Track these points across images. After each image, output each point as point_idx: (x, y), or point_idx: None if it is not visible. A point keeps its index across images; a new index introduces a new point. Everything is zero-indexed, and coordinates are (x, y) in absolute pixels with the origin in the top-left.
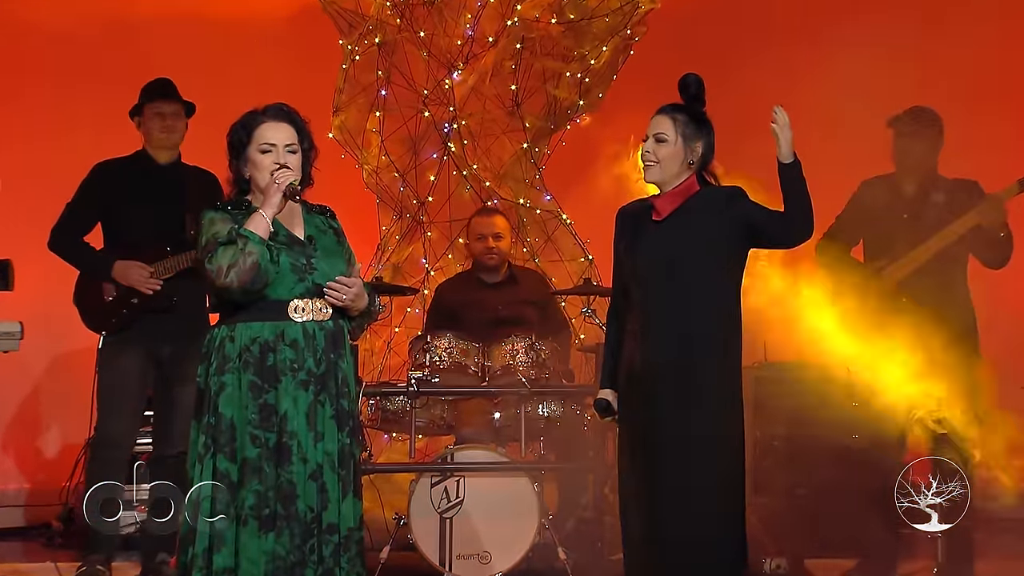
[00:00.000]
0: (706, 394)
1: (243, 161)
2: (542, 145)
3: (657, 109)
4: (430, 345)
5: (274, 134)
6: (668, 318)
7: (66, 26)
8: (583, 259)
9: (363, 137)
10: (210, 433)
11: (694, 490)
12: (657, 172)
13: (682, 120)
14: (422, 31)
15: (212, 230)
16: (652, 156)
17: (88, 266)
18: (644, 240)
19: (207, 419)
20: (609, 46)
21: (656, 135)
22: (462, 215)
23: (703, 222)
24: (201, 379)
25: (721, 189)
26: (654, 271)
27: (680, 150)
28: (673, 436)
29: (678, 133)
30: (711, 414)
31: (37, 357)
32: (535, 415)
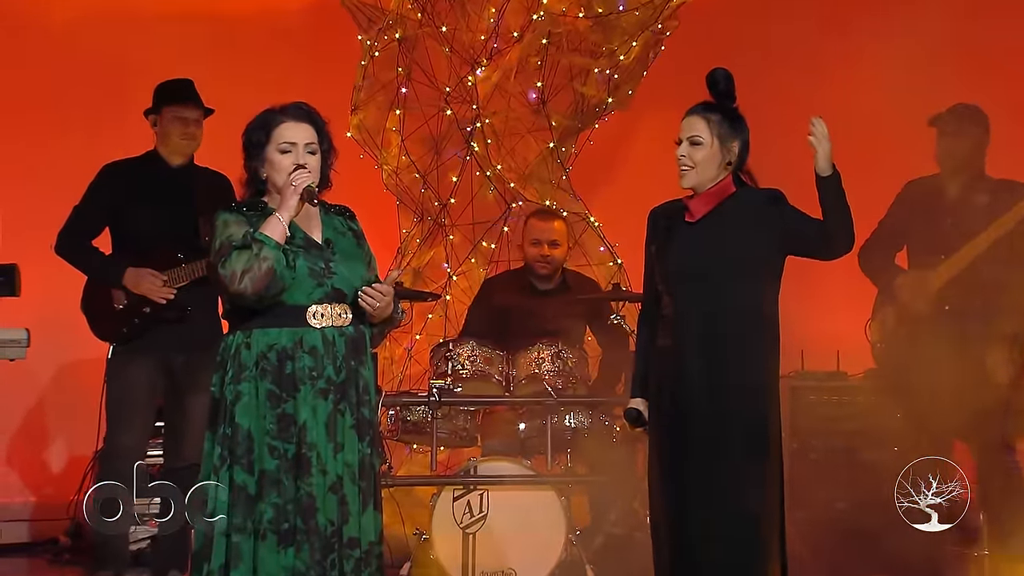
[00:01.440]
0: (740, 404)
1: (260, 161)
2: (569, 144)
3: (688, 110)
4: (452, 353)
5: (294, 134)
6: (700, 324)
7: (70, 22)
8: (612, 263)
9: (382, 136)
10: (226, 444)
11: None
12: (694, 177)
13: (716, 120)
14: (444, 26)
15: (226, 232)
16: (688, 160)
17: (97, 271)
18: (676, 242)
19: (223, 430)
20: (639, 41)
21: (691, 138)
22: (485, 217)
23: (739, 226)
24: (216, 388)
25: (759, 192)
26: (686, 275)
27: (716, 152)
28: (706, 448)
29: (713, 134)
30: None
31: (44, 365)
32: (562, 426)
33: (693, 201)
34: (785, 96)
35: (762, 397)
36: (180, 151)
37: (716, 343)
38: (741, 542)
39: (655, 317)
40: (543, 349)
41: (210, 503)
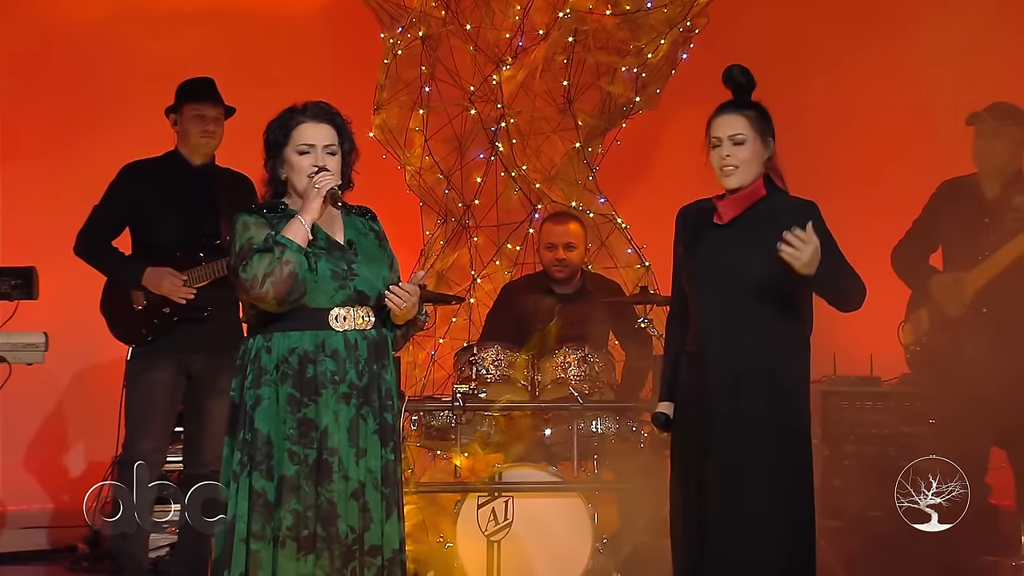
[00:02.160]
0: (769, 410)
1: (279, 162)
2: (596, 144)
3: (718, 109)
4: (477, 357)
5: (313, 134)
6: (728, 329)
7: (92, 21)
8: (639, 266)
9: (406, 136)
10: (246, 450)
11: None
12: (739, 177)
13: (753, 116)
14: (468, 24)
15: (246, 235)
16: (734, 160)
17: (116, 272)
18: (704, 245)
19: (242, 435)
20: (667, 39)
21: (733, 137)
22: (510, 219)
23: (768, 233)
24: (235, 393)
25: (793, 201)
26: (714, 279)
27: (759, 148)
28: (731, 453)
29: (755, 130)
30: (775, 434)
31: (62, 369)
32: (588, 431)
33: (723, 203)
34: (819, 94)
35: (791, 402)
36: (200, 149)
37: (744, 347)
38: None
39: (684, 319)
40: (569, 354)
41: (229, 509)
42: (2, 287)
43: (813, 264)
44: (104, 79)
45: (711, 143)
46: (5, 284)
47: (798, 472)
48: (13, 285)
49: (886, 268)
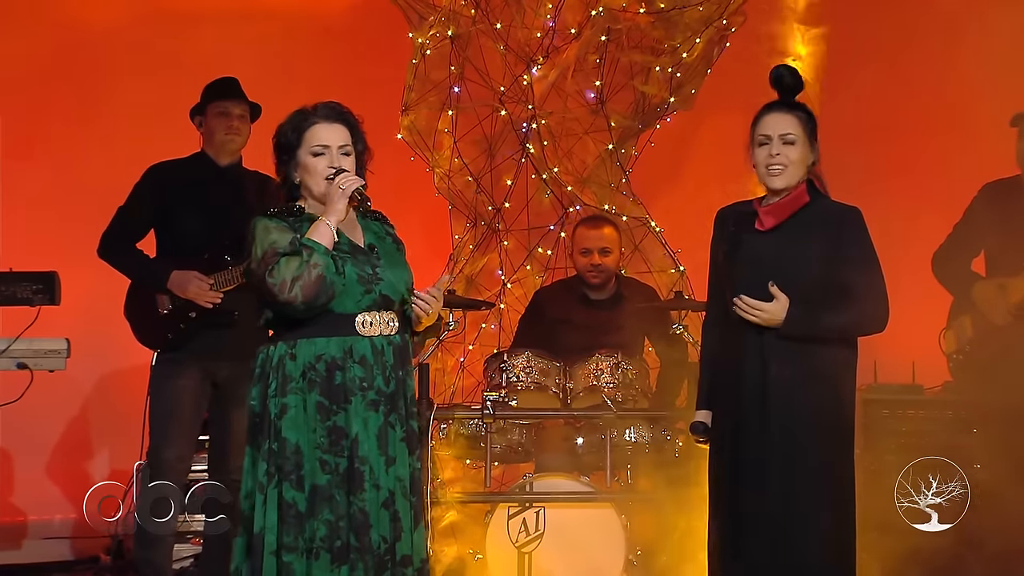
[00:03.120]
0: (810, 421)
1: (292, 165)
2: (629, 146)
3: (767, 107)
4: (507, 364)
5: (327, 135)
6: (767, 336)
7: (113, 23)
8: (674, 270)
9: (434, 138)
10: (273, 460)
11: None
12: (787, 177)
13: (804, 117)
14: (499, 22)
15: (268, 239)
16: (783, 159)
17: (141, 275)
18: (744, 251)
19: (268, 445)
20: (703, 38)
21: (783, 136)
22: (541, 222)
23: (812, 241)
24: (256, 402)
25: (836, 207)
26: (754, 287)
27: (808, 151)
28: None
29: (804, 132)
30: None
31: (85, 376)
32: (622, 440)
33: (766, 209)
34: (858, 95)
35: (833, 413)
36: (226, 148)
37: (784, 357)
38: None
39: (722, 325)
40: (602, 360)
41: (256, 522)
42: (23, 292)
43: (776, 322)
44: (126, 81)
45: (757, 141)
46: (26, 289)
47: (840, 483)
48: (35, 290)
49: (928, 274)
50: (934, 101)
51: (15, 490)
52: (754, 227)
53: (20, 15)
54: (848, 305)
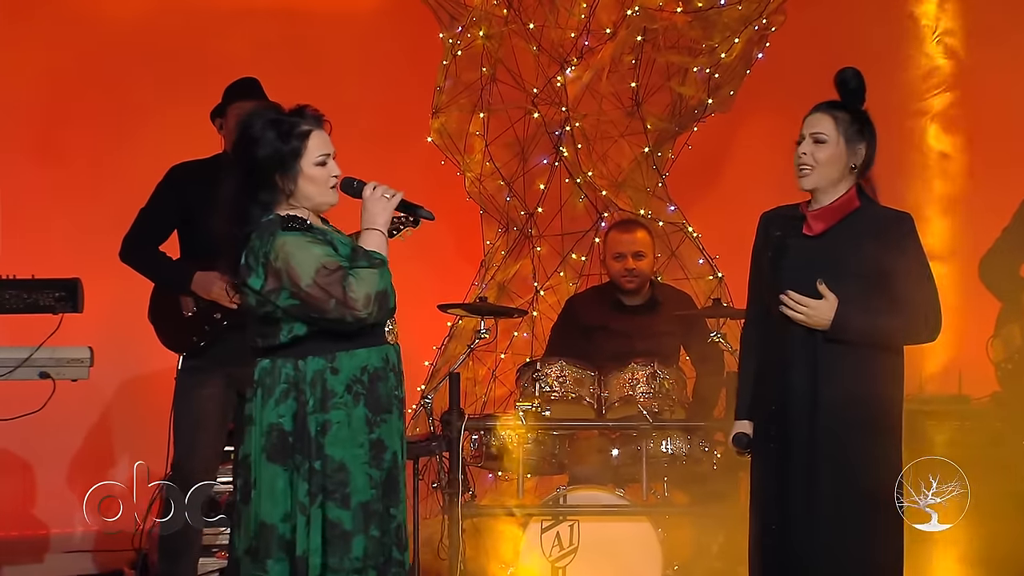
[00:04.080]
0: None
1: (292, 175)
2: (665, 149)
3: (813, 107)
4: (540, 373)
5: (323, 142)
6: (814, 345)
7: (142, 19)
8: (712, 277)
9: (465, 141)
10: (316, 480)
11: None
12: (815, 178)
13: (844, 119)
14: (532, 22)
15: (312, 254)
16: (809, 159)
17: (165, 278)
18: (791, 257)
19: (310, 464)
20: (742, 38)
21: (814, 135)
22: (575, 228)
23: (862, 248)
24: (285, 420)
25: (887, 213)
26: (802, 294)
27: (842, 153)
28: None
29: (840, 133)
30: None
31: (108, 385)
32: (658, 452)
33: (814, 213)
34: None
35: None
36: None
37: (831, 366)
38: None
39: (763, 332)
40: (638, 370)
41: (298, 545)
42: (46, 300)
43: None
44: (149, 81)
45: (798, 139)
46: (49, 297)
47: (887, 496)
48: (57, 298)
49: (975, 280)
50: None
51: (37, 502)
52: (801, 231)
53: (42, 17)
54: (899, 312)
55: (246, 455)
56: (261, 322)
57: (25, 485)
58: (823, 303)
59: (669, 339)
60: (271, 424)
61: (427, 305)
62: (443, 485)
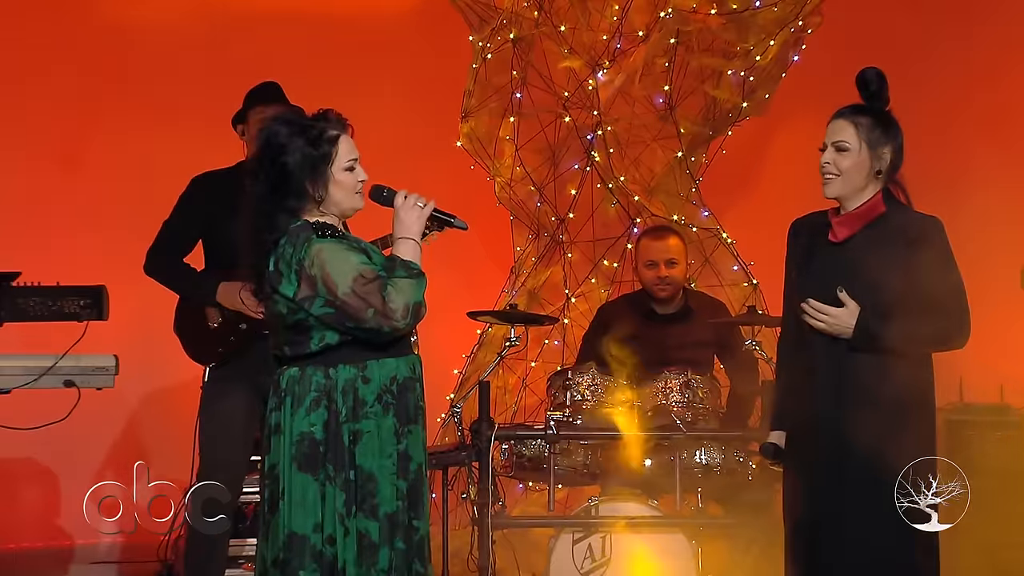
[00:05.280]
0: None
1: (323, 179)
2: (699, 154)
3: (834, 113)
4: (571, 382)
5: (351, 147)
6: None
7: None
8: (747, 284)
9: (495, 146)
10: (350, 491)
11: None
12: (839, 186)
13: (865, 124)
14: (563, 25)
15: (349, 262)
16: (832, 168)
17: (189, 290)
18: (815, 264)
19: (344, 475)
20: (777, 40)
21: (836, 143)
22: (607, 234)
23: (888, 253)
24: (316, 428)
25: (915, 218)
26: (826, 301)
27: (865, 159)
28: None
29: (861, 139)
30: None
31: (133, 394)
32: (692, 462)
33: (839, 219)
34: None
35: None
36: None
37: (858, 375)
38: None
39: (797, 342)
40: (671, 379)
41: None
42: (71, 307)
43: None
44: (175, 89)
45: (821, 148)
46: (74, 304)
47: None
48: (82, 305)
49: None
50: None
51: (61, 513)
52: (827, 238)
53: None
54: (926, 318)
55: (273, 465)
56: (291, 330)
57: (49, 495)
58: (844, 311)
59: (703, 348)
60: (302, 433)
61: (456, 312)
62: (472, 496)
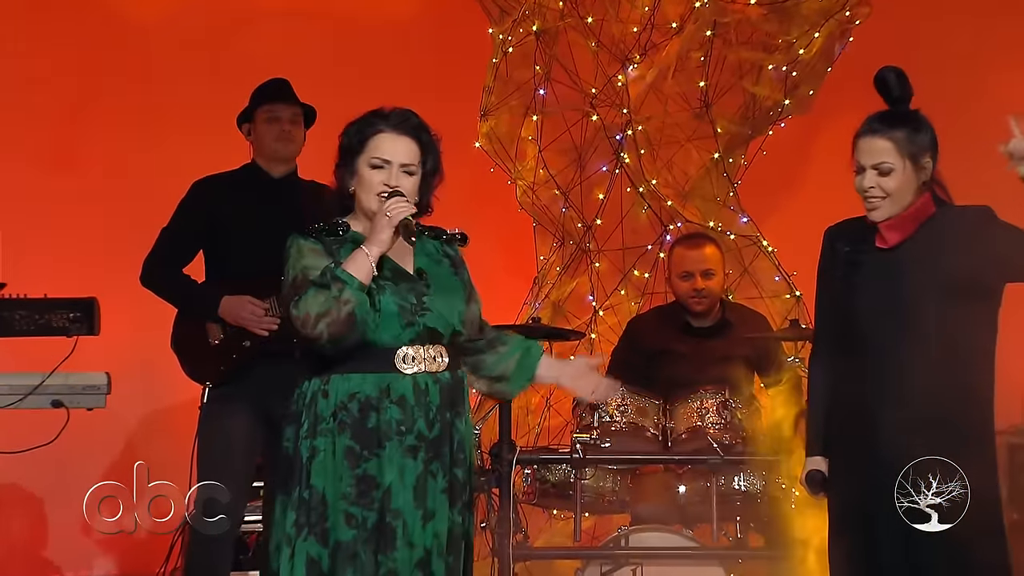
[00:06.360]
0: (951, 469)
1: (350, 171)
2: (737, 155)
3: (862, 130)
4: (599, 402)
5: (391, 148)
6: (899, 370)
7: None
8: (789, 296)
9: (517, 146)
10: (303, 510)
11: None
12: (888, 208)
13: (903, 138)
14: (590, 16)
15: (301, 263)
16: (878, 192)
17: (189, 303)
18: (866, 272)
19: (298, 493)
20: (822, 32)
21: (878, 166)
22: (637, 242)
23: (947, 251)
24: (290, 444)
25: (965, 211)
26: (884, 316)
27: (911, 175)
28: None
29: (904, 156)
30: (958, 479)
31: (127, 413)
32: (730, 489)
33: (888, 223)
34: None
35: (975, 457)
36: (278, 155)
37: (918, 390)
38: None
39: (833, 358)
40: (707, 398)
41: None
42: (59, 321)
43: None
44: (176, 87)
45: (855, 168)
46: (62, 317)
47: (988, 539)
48: (71, 318)
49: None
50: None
51: (49, 543)
52: (874, 245)
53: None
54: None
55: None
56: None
57: (36, 524)
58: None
59: (742, 365)
60: (283, 448)
61: None
62: (492, 524)
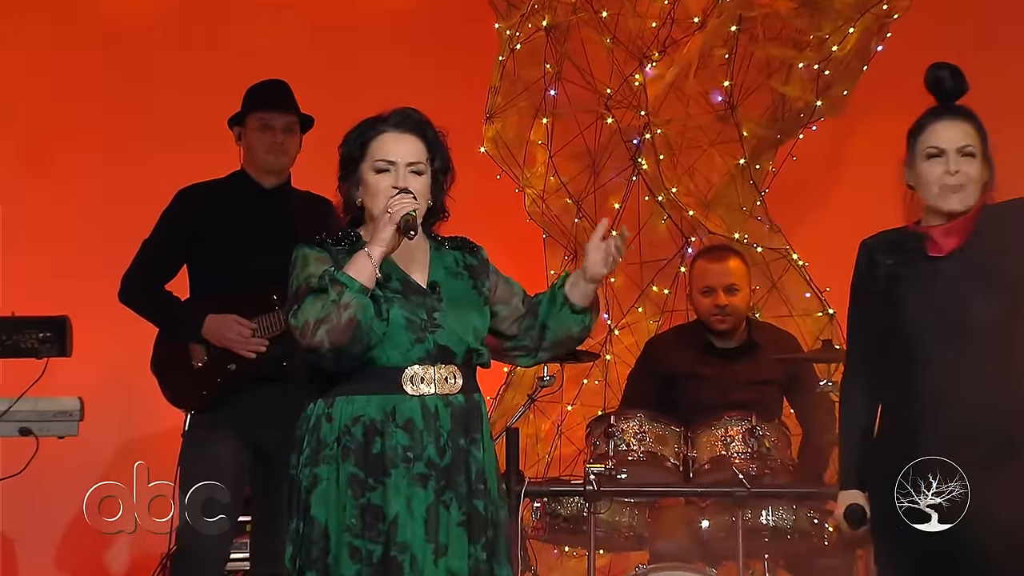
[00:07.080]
0: (1018, 492)
1: (354, 182)
2: (765, 161)
3: (935, 113)
4: (615, 429)
5: (395, 148)
6: (961, 387)
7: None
8: (821, 314)
9: (526, 151)
10: (299, 543)
11: None
12: (965, 197)
13: (979, 128)
14: (605, 10)
15: (305, 272)
16: (962, 177)
17: (171, 322)
18: (917, 284)
19: (295, 525)
20: (857, 27)
21: (962, 148)
22: (656, 255)
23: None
24: (293, 471)
25: (1007, 208)
26: (938, 326)
27: (984, 170)
28: (968, 561)
29: (982, 146)
30: None
31: (103, 442)
32: (757, 524)
33: (939, 230)
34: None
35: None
36: (270, 167)
37: (982, 409)
38: None
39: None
40: (732, 425)
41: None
42: (28, 342)
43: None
44: (161, 87)
45: (925, 154)
46: (31, 338)
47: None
48: (41, 339)
49: None
50: None
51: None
52: (923, 254)
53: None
54: None
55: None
56: None
57: (5, 563)
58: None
59: (770, 389)
60: (289, 475)
61: None
62: None
